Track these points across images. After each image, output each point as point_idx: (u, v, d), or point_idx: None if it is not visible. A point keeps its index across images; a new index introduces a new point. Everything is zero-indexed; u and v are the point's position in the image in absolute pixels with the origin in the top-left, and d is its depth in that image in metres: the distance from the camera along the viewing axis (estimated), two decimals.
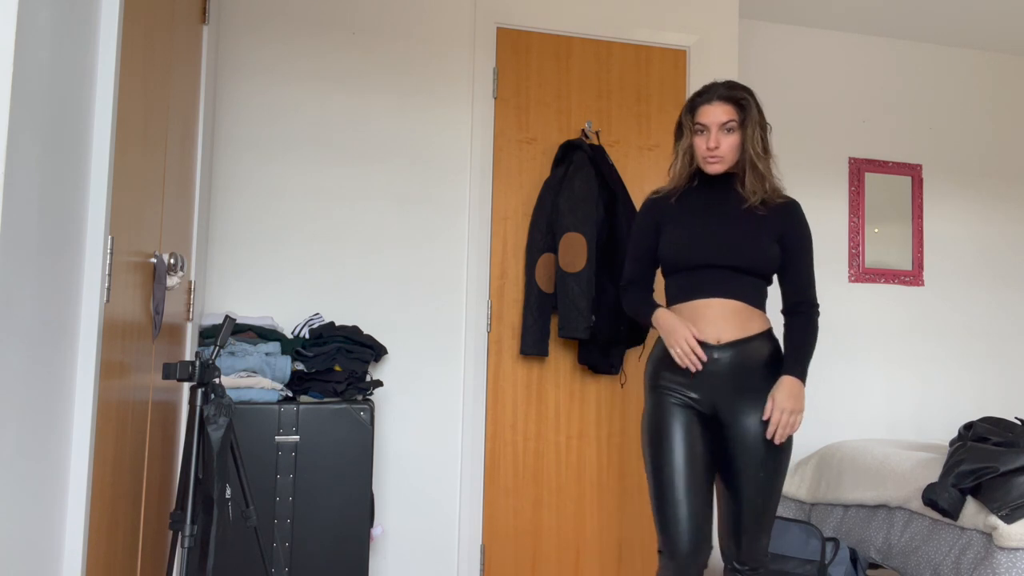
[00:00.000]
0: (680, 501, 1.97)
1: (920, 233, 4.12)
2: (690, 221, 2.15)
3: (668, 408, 2.06)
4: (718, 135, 2.09)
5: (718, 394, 2.05)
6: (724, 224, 2.12)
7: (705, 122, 2.11)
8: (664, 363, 2.12)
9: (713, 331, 2.07)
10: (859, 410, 3.98)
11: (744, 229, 2.10)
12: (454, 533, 3.02)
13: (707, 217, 2.14)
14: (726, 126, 2.09)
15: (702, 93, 2.14)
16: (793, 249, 2.13)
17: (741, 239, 2.09)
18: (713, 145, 2.09)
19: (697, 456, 2.02)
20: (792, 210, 2.15)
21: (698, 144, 2.13)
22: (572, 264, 2.94)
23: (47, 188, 1.15)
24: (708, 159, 2.11)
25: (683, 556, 1.96)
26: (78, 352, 1.32)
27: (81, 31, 1.28)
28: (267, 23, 2.99)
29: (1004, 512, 2.32)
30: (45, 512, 1.20)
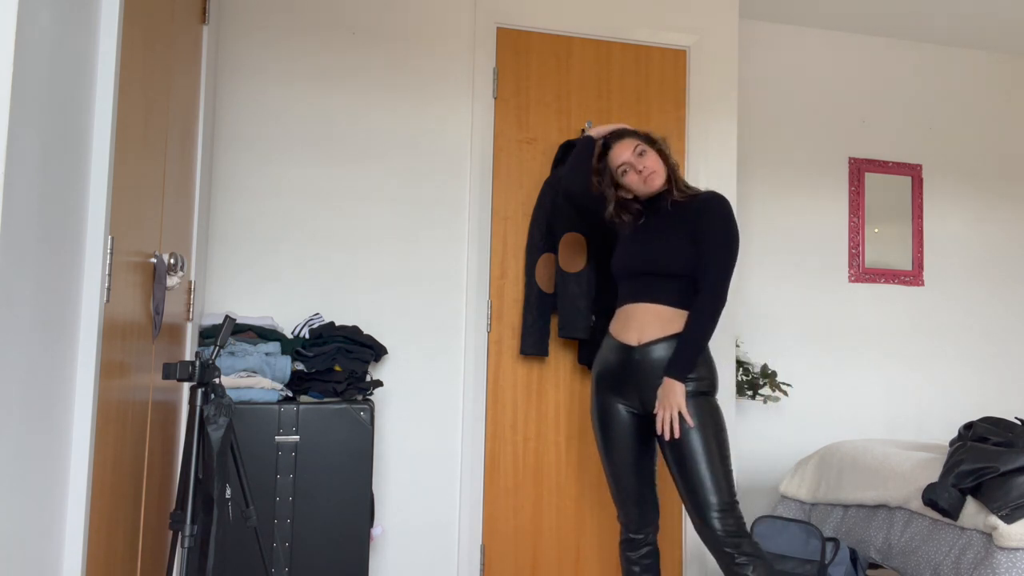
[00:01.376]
0: (625, 485, 2.37)
1: (920, 233, 4.12)
2: (632, 237, 2.44)
3: (608, 407, 2.37)
4: (638, 160, 2.39)
5: (641, 390, 2.30)
6: (649, 235, 2.40)
7: (624, 160, 2.40)
8: (598, 362, 2.42)
9: (636, 333, 2.32)
10: (859, 410, 3.98)
11: (663, 236, 2.36)
12: (454, 533, 3.02)
13: (642, 231, 2.42)
14: (637, 150, 2.40)
15: (608, 140, 2.48)
16: (702, 243, 2.30)
17: (657, 246, 2.35)
18: (640, 167, 2.38)
19: (636, 447, 2.35)
20: (707, 206, 2.35)
21: (630, 180, 2.40)
22: (572, 264, 2.94)
23: (47, 188, 1.15)
24: (646, 178, 2.38)
25: (632, 523, 2.39)
26: (78, 352, 1.32)
27: (81, 31, 1.28)
28: (267, 23, 2.99)
29: (1004, 512, 2.32)
30: (45, 512, 1.20)
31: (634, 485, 2.36)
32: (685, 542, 3.21)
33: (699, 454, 2.18)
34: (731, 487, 2.19)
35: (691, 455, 2.19)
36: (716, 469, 2.18)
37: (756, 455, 3.89)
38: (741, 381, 3.66)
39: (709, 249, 2.27)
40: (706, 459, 2.18)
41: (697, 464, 2.18)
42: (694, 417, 2.20)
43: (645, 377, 2.28)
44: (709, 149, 3.34)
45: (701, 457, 2.18)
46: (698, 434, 2.19)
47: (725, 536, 2.15)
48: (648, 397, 2.29)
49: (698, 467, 2.17)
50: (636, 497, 2.36)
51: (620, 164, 2.41)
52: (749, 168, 3.98)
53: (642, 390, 2.29)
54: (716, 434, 2.21)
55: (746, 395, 3.69)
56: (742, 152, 3.91)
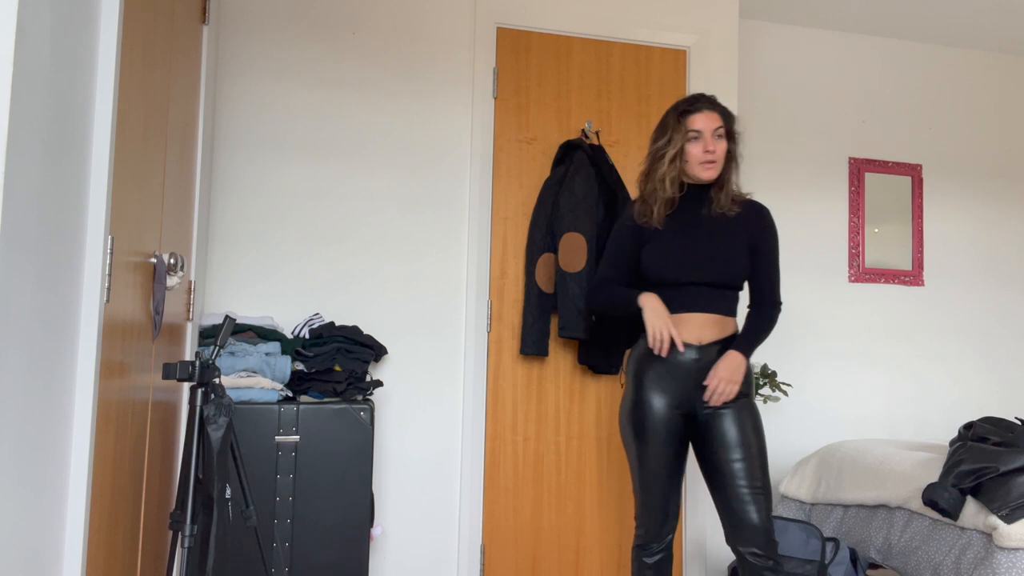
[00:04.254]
0: (658, 488, 2.25)
1: (920, 233, 4.12)
2: (671, 238, 2.27)
3: (649, 405, 2.24)
4: (712, 140, 2.22)
5: (692, 392, 2.22)
6: (701, 240, 2.26)
7: (699, 128, 2.21)
8: (648, 359, 2.27)
9: (695, 336, 2.24)
10: (859, 410, 3.98)
11: (719, 244, 2.25)
12: (454, 533, 3.02)
13: (686, 233, 2.27)
14: (717, 132, 2.23)
15: (691, 102, 2.26)
16: (762, 254, 2.29)
17: (717, 256, 2.24)
18: (711, 148, 2.21)
19: (674, 449, 2.24)
20: (763, 216, 2.31)
21: (691, 150, 2.22)
22: (572, 264, 2.94)
23: (47, 188, 1.15)
24: (705, 164, 2.22)
25: (655, 528, 2.28)
26: (78, 352, 1.32)
27: (81, 31, 1.28)
28: (267, 23, 2.99)
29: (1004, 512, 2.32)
30: (45, 512, 1.20)
31: (664, 491, 2.25)
32: (685, 542, 3.22)
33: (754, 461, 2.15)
34: (770, 503, 2.18)
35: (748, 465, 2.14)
36: (764, 487, 2.15)
37: None
38: None
39: (769, 260, 2.29)
40: (758, 475, 2.14)
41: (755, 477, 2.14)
42: (749, 423, 2.17)
43: (698, 376, 2.21)
44: None
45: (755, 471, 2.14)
46: (756, 440, 2.16)
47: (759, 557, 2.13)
48: (694, 395, 2.22)
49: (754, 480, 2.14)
50: (663, 504, 2.26)
51: (694, 129, 2.21)
52: (749, 168, 3.97)
53: (689, 388, 2.22)
54: (762, 442, 2.20)
55: None
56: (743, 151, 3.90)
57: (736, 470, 2.15)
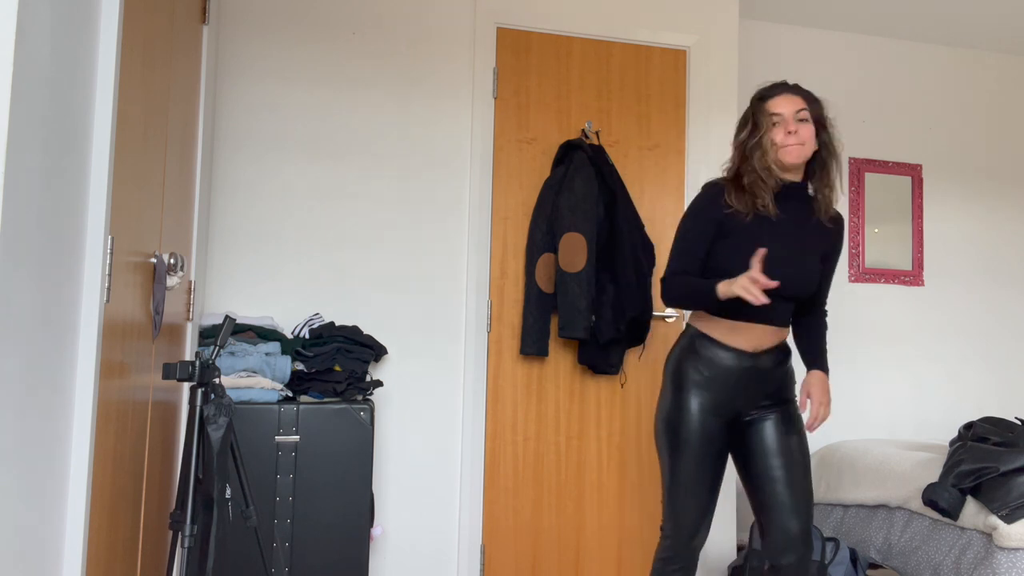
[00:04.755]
0: (693, 497, 2.09)
1: (920, 233, 4.12)
2: (762, 238, 2.08)
3: (690, 410, 2.10)
4: (795, 122, 2.05)
5: (741, 397, 2.11)
6: (798, 248, 2.10)
7: (780, 111, 2.06)
8: (689, 363, 2.12)
9: (752, 343, 2.10)
10: (859, 410, 3.97)
11: (806, 258, 2.12)
12: (454, 533, 3.02)
13: (782, 236, 2.09)
14: (799, 115, 2.06)
15: (770, 88, 2.12)
16: (831, 267, 2.25)
17: (802, 271, 2.10)
18: (793, 129, 2.04)
19: (714, 457, 2.10)
20: (842, 228, 2.24)
21: (775, 134, 2.06)
22: (572, 264, 2.94)
23: (47, 188, 1.15)
24: (787, 145, 2.04)
25: (685, 542, 2.12)
26: (78, 352, 1.32)
27: (81, 31, 1.28)
28: (267, 23, 2.99)
29: (1004, 512, 2.32)
30: (45, 512, 1.20)
31: (698, 502, 2.11)
32: None
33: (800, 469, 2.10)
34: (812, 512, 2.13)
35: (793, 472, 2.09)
36: (808, 495, 2.11)
37: None
38: None
39: (833, 271, 2.27)
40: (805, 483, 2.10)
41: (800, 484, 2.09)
42: (794, 428, 2.14)
43: (750, 383, 2.11)
44: (709, 149, 3.34)
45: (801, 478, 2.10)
46: (800, 445, 2.13)
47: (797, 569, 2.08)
48: (748, 404, 2.13)
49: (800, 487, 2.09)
50: (696, 516, 2.11)
51: (776, 112, 2.07)
52: None
53: (742, 395, 2.11)
54: (807, 447, 2.17)
55: None
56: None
57: (783, 479, 2.08)
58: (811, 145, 2.07)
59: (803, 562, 2.08)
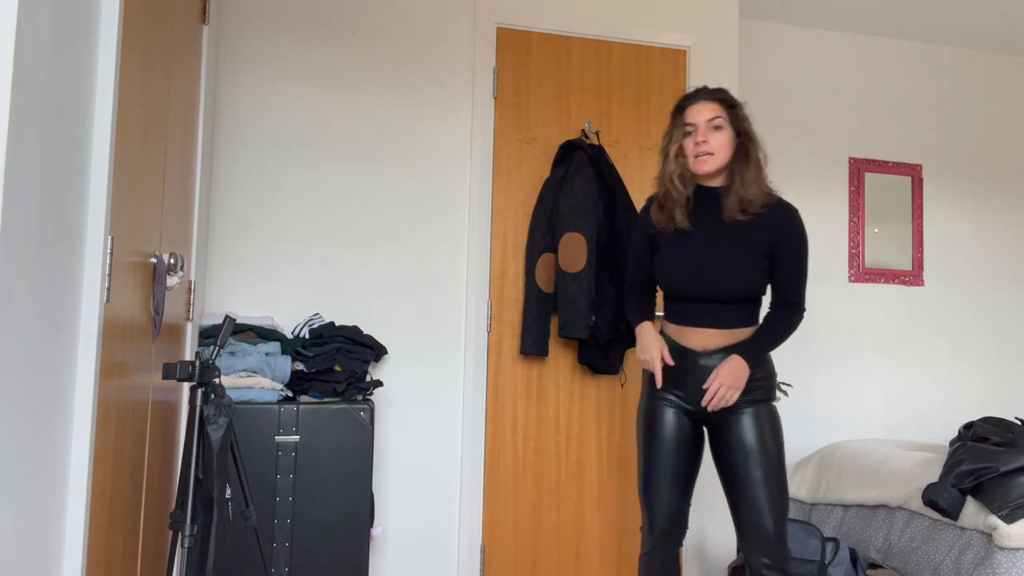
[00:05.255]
0: (662, 491, 2.15)
1: (920, 233, 4.12)
2: (679, 249, 2.16)
3: (661, 407, 2.18)
4: (706, 131, 2.11)
5: (700, 391, 2.13)
6: (711, 252, 2.13)
7: (693, 121, 2.13)
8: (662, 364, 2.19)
9: (700, 343, 2.15)
10: (859, 410, 3.97)
11: (730, 257, 2.11)
12: (454, 533, 3.02)
13: (696, 244, 2.15)
14: (713, 123, 2.11)
15: (688, 96, 2.18)
16: (784, 258, 2.13)
17: (728, 271, 2.11)
18: (701, 139, 2.10)
19: (683, 454, 2.16)
20: (785, 218, 2.13)
21: (687, 144, 2.14)
22: (572, 264, 2.94)
23: (47, 188, 1.15)
24: (697, 155, 2.11)
25: (660, 535, 2.16)
26: (78, 352, 1.32)
27: (81, 31, 1.28)
28: (267, 23, 2.99)
29: (1004, 512, 2.32)
30: (45, 512, 1.20)
31: (670, 494, 2.15)
32: (686, 542, 3.21)
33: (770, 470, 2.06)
34: (786, 511, 2.10)
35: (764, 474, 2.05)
36: (781, 498, 2.07)
37: None
38: None
39: (794, 266, 2.14)
40: (776, 485, 2.06)
41: (770, 486, 2.05)
42: (767, 427, 2.09)
43: (705, 379, 2.13)
44: None
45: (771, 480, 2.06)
46: (773, 457, 2.08)
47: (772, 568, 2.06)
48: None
49: (770, 489, 2.06)
50: (667, 513, 2.16)
51: (689, 122, 2.13)
52: None
53: (701, 392, 2.14)
54: (780, 447, 2.11)
55: None
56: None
57: (753, 478, 2.06)
58: (724, 153, 2.12)
59: (780, 561, 2.06)
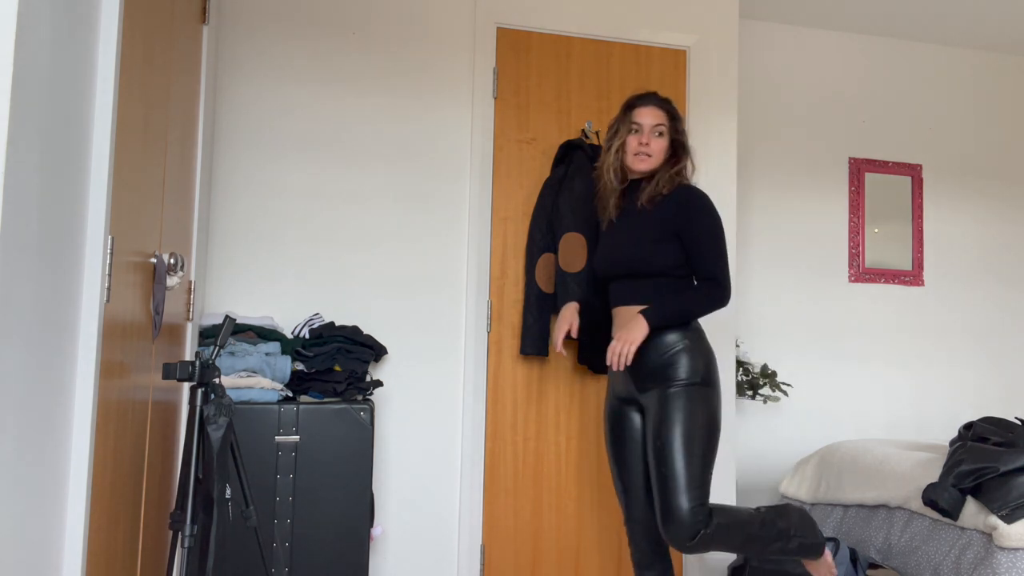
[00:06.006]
0: (629, 484, 2.30)
1: (920, 233, 4.12)
2: (607, 236, 2.38)
3: (612, 404, 2.36)
4: (650, 134, 2.30)
5: (631, 383, 2.28)
6: (620, 234, 2.33)
7: (640, 121, 2.31)
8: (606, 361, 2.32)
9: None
10: (859, 410, 3.97)
11: (632, 236, 2.29)
12: (454, 533, 3.02)
13: (615, 230, 2.36)
14: (657, 128, 2.30)
15: (640, 97, 2.36)
16: (691, 237, 2.26)
17: (628, 247, 2.29)
18: (646, 141, 2.29)
19: (626, 440, 2.30)
20: (686, 200, 2.26)
21: (630, 141, 2.32)
22: (572, 264, 2.94)
23: (47, 188, 1.15)
24: (638, 154, 2.30)
25: (633, 521, 2.30)
26: (78, 352, 1.32)
27: (81, 31, 1.28)
28: (267, 23, 2.99)
29: (1004, 512, 2.32)
30: (45, 512, 1.20)
31: (626, 483, 2.28)
32: None
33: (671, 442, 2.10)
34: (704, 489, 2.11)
35: (665, 445, 2.11)
36: (679, 471, 2.09)
37: (756, 455, 3.89)
38: (741, 381, 3.66)
39: (698, 241, 2.24)
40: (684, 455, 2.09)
41: (670, 458, 2.09)
42: (682, 407, 2.13)
43: (633, 369, 2.24)
44: (709, 149, 3.34)
45: (672, 451, 2.10)
46: (682, 426, 2.11)
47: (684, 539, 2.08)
48: (638, 389, 2.25)
49: (670, 462, 2.09)
50: (627, 495, 2.28)
51: (636, 121, 2.30)
52: (749, 168, 3.97)
53: (630, 382, 2.26)
54: (702, 427, 2.13)
55: (746, 395, 3.69)
56: (742, 152, 3.91)
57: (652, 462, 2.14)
58: (659, 158, 2.31)
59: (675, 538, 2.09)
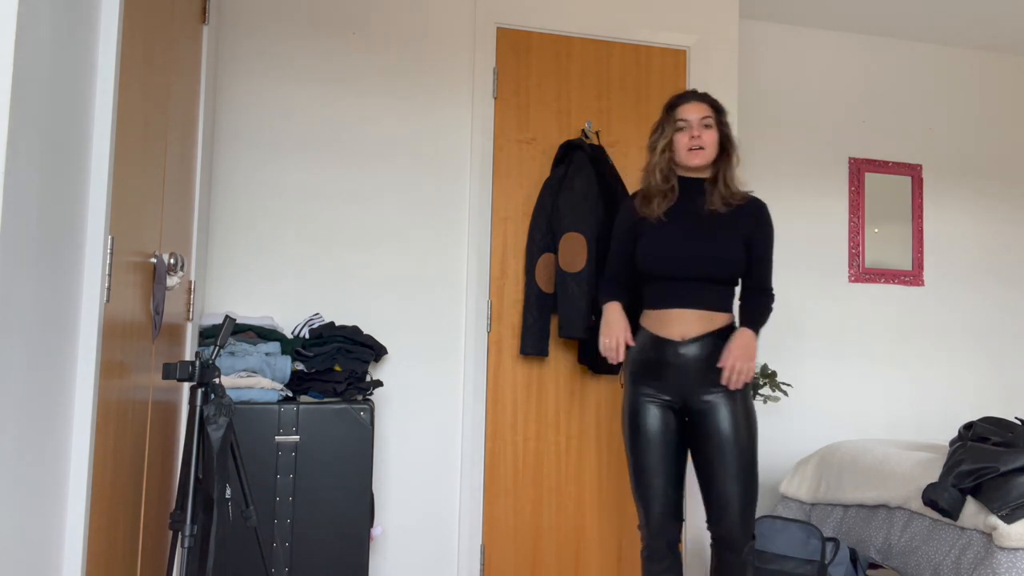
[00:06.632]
0: (655, 483, 2.25)
1: (920, 233, 4.12)
2: (662, 233, 2.32)
3: (643, 402, 2.28)
4: (699, 128, 2.31)
5: (686, 387, 2.25)
6: (693, 236, 2.29)
7: (686, 117, 2.32)
8: (641, 358, 2.31)
9: (678, 331, 2.26)
10: (859, 410, 3.97)
11: (710, 240, 2.28)
12: (454, 533, 3.02)
13: (678, 228, 2.31)
14: (704, 121, 2.31)
15: (681, 96, 2.38)
16: (758, 250, 2.33)
17: (706, 251, 2.27)
18: (696, 134, 2.29)
19: (668, 445, 2.26)
20: (760, 212, 2.35)
21: (679, 139, 2.32)
22: (572, 264, 2.94)
23: (47, 188, 1.15)
24: (691, 148, 2.30)
25: (656, 528, 2.25)
26: (78, 352, 1.32)
27: (81, 31, 1.28)
28: (267, 23, 2.99)
29: (1004, 512, 2.31)
30: (45, 512, 1.20)
31: (661, 485, 2.25)
32: (685, 540, 3.21)
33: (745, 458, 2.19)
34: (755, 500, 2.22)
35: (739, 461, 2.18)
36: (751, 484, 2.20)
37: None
38: None
39: (763, 255, 2.34)
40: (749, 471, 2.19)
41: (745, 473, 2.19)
42: (742, 419, 2.21)
43: (686, 370, 2.24)
44: None
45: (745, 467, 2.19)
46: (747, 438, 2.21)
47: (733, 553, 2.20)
48: (693, 393, 2.24)
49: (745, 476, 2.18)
50: (662, 498, 2.26)
51: (682, 118, 2.32)
52: (749, 168, 3.95)
53: (682, 383, 2.25)
54: (754, 439, 2.24)
55: None
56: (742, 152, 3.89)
57: (727, 470, 2.19)
58: (713, 150, 2.32)
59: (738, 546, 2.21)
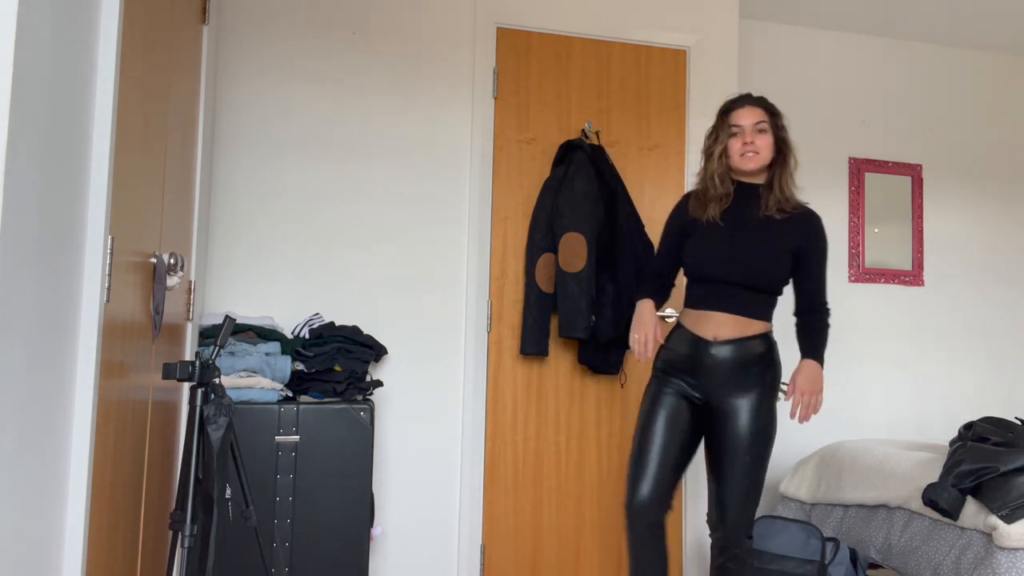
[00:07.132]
0: (650, 465, 2.24)
1: (920, 233, 4.12)
2: (713, 235, 2.31)
3: (664, 391, 2.31)
4: (752, 133, 2.29)
5: (712, 386, 2.26)
6: (741, 240, 2.28)
7: (740, 123, 2.31)
8: (672, 356, 2.33)
9: (712, 331, 2.27)
10: (859, 410, 3.97)
11: (761, 248, 2.27)
12: (454, 533, 3.02)
13: (728, 232, 2.30)
14: (758, 126, 2.30)
15: (735, 100, 2.37)
16: (810, 261, 2.32)
17: (753, 258, 2.26)
18: (749, 140, 2.28)
19: (673, 432, 2.26)
20: (812, 223, 2.34)
21: (733, 144, 2.31)
22: (572, 264, 2.94)
23: (47, 188, 1.15)
24: (745, 153, 2.29)
25: (635, 508, 2.23)
26: (78, 352, 1.32)
27: (81, 31, 1.28)
28: (267, 23, 2.99)
29: (1004, 512, 2.31)
30: (45, 512, 1.20)
31: (657, 465, 2.22)
32: (685, 541, 3.21)
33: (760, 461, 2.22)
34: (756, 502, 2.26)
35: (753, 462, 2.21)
36: (759, 486, 2.24)
37: None
38: None
39: (819, 269, 2.34)
40: (760, 474, 2.23)
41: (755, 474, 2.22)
42: (763, 423, 2.23)
43: (715, 371, 2.25)
44: None
45: (757, 468, 2.22)
46: (765, 448, 2.24)
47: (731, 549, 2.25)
48: (718, 393, 2.25)
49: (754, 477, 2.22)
50: (654, 478, 2.22)
51: (736, 124, 2.31)
52: None
53: (710, 383, 2.26)
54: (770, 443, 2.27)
55: None
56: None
57: (737, 469, 2.22)
58: (767, 153, 2.31)
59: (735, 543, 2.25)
